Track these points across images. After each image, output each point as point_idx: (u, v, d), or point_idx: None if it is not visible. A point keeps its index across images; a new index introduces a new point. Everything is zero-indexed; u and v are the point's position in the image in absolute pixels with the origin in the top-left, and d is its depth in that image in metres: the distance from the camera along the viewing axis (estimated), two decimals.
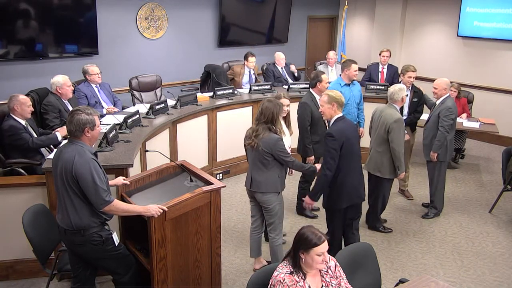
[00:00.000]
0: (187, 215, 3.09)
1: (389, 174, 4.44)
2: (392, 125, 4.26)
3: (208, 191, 3.16)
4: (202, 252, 3.26)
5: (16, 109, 4.23)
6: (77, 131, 2.80)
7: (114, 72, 6.54)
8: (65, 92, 4.78)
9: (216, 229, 3.30)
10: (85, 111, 2.83)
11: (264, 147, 3.56)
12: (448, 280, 3.95)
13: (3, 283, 3.80)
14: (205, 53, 7.75)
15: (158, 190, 3.35)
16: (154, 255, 2.96)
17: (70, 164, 2.72)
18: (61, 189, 2.82)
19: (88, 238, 2.85)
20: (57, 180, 2.83)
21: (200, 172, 3.45)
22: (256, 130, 3.61)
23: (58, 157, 2.83)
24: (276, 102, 3.65)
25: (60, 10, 6.17)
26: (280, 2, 8.49)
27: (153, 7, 7.08)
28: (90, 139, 2.86)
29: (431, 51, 8.29)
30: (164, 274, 3.05)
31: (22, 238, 3.16)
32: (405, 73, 5.29)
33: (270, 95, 6.23)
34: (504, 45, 7.36)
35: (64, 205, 2.82)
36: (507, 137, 7.33)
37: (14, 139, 4.20)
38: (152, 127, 4.75)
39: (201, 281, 3.31)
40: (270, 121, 3.58)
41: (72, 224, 2.82)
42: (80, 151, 2.77)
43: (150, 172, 3.49)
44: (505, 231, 4.79)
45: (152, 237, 2.92)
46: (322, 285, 2.48)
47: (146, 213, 2.86)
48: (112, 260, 3.01)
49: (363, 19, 9.31)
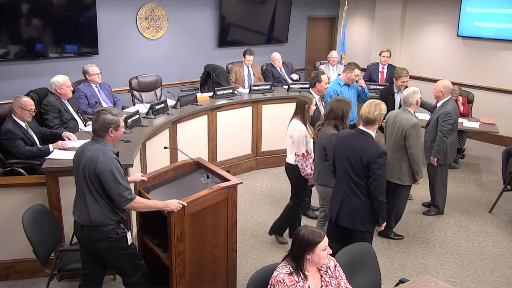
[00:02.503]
0: (204, 210, 3.15)
1: (408, 180, 4.33)
2: (409, 130, 4.14)
3: (226, 188, 3.22)
4: (218, 247, 3.31)
5: (16, 111, 4.20)
6: (102, 131, 2.87)
7: (114, 72, 6.54)
8: (64, 92, 4.76)
9: (233, 224, 3.35)
10: (111, 112, 2.89)
11: (320, 141, 3.75)
12: (448, 280, 3.95)
13: (3, 283, 3.80)
14: (205, 53, 7.75)
15: (175, 187, 3.42)
16: (173, 249, 3.02)
17: (94, 162, 2.78)
18: (81, 186, 2.87)
19: (105, 235, 2.90)
20: (78, 176, 2.89)
21: (215, 169, 3.51)
22: (322, 124, 3.79)
23: (81, 154, 2.89)
24: (346, 101, 3.76)
25: (60, 10, 6.17)
26: (280, 2, 8.49)
27: (153, 7, 7.08)
28: (113, 139, 2.93)
29: (431, 51, 8.28)
30: (182, 268, 3.11)
31: (22, 238, 3.16)
32: (399, 78, 5.28)
33: (270, 95, 6.24)
34: (504, 45, 7.36)
35: (84, 201, 2.87)
36: (507, 137, 7.33)
37: (7, 144, 4.15)
38: (152, 127, 4.75)
39: (217, 276, 3.36)
40: (339, 118, 3.71)
41: (91, 220, 2.87)
42: (104, 150, 2.83)
43: (166, 169, 3.55)
44: (505, 231, 4.79)
45: (172, 231, 2.98)
46: (322, 285, 2.48)
47: (166, 208, 2.92)
48: (124, 259, 3.05)
49: (363, 19, 9.31)
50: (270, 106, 6.22)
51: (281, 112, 6.27)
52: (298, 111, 4.09)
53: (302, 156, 4.07)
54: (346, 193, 3.41)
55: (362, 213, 3.39)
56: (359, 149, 3.29)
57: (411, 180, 4.34)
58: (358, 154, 3.28)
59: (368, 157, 3.22)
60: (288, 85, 6.53)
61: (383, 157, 3.24)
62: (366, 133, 3.36)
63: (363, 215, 3.39)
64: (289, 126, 4.16)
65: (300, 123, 4.06)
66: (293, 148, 4.11)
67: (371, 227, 3.45)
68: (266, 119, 6.25)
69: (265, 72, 7.09)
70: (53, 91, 4.79)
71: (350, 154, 3.35)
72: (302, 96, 4.15)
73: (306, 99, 4.08)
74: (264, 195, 5.61)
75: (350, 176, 3.36)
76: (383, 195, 3.29)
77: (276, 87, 6.57)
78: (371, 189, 3.28)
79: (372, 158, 3.21)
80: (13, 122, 4.21)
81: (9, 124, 4.19)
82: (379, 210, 3.35)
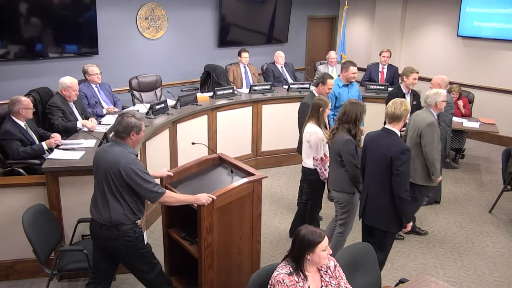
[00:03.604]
0: (232, 204, 3.24)
1: (422, 180, 4.19)
2: (425, 129, 4.06)
3: (251, 182, 3.32)
4: (244, 239, 3.41)
5: (21, 112, 4.20)
6: (124, 133, 2.94)
7: (114, 72, 6.54)
8: (68, 95, 4.70)
9: (257, 217, 3.46)
10: (135, 116, 2.97)
11: (334, 146, 3.69)
12: (448, 280, 3.95)
13: (3, 283, 3.80)
14: (205, 53, 7.75)
15: (201, 181, 3.51)
16: (202, 242, 3.11)
17: (117, 164, 2.85)
18: (103, 187, 2.94)
19: (124, 234, 2.96)
20: (99, 177, 2.96)
21: (238, 164, 3.60)
22: (336, 129, 3.72)
23: (102, 156, 2.97)
24: (360, 104, 3.69)
25: (60, 10, 6.17)
26: (280, 2, 8.49)
27: (153, 7, 7.08)
28: (134, 142, 3.01)
29: (431, 51, 8.28)
30: (210, 259, 3.20)
31: (22, 238, 3.16)
32: (409, 74, 5.09)
33: (270, 95, 6.25)
34: (504, 45, 7.36)
35: (106, 201, 2.94)
36: (507, 137, 7.33)
37: (5, 145, 4.15)
38: (152, 127, 4.75)
39: (242, 267, 3.44)
40: (352, 121, 3.63)
41: (111, 219, 2.93)
42: (125, 152, 2.91)
43: (190, 165, 3.64)
44: (505, 231, 4.79)
45: (201, 224, 3.07)
46: (322, 285, 2.48)
47: (197, 201, 3.00)
48: (140, 258, 3.09)
49: (363, 19, 9.31)
50: (270, 106, 6.22)
51: (281, 112, 6.29)
52: (313, 113, 4.02)
53: (321, 160, 4.03)
54: (371, 192, 3.44)
55: (385, 212, 3.37)
56: (383, 147, 3.30)
57: (425, 180, 4.19)
58: (382, 152, 3.29)
59: (391, 154, 3.23)
60: (288, 85, 6.53)
61: (406, 153, 3.23)
62: (391, 131, 3.37)
63: (386, 215, 3.37)
64: (305, 130, 4.09)
65: (316, 126, 3.99)
66: (310, 153, 4.06)
67: (393, 228, 3.42)
68: (266, 119, 6.25)
69: (266, 71, 7.09)
70: (58, 91, 4.78)
71: (375, 153, 3.36)
72: (318, 99, 4.06)
73: (321, 102, 4.00)
74: (264, 195, 5.53)
75: (375, 175, 3.38)
76: (406, 193, 3.25)
77: (276, 87, 6.58)
78: (394, 185, 3.25)
79: (395, 154, 3.21)
80: (12, 123, 4.20)
81: (7, 125, 4.18)
82: (402, 209, 3.29)
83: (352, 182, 3.69)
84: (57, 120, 4.61)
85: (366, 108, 3.73)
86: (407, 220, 3.38)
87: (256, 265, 3.51)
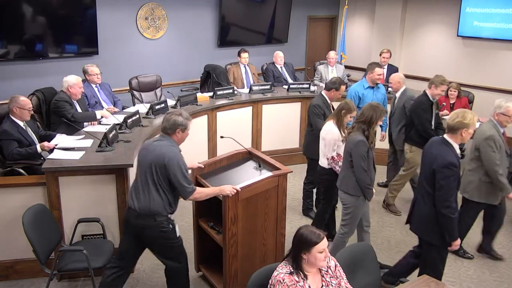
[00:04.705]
0: (257, 196, 3.38)
1: (477, 196, 3.95)
2: (482, 142, 3.85)
3: (277, 176, 3.45)
4: (268, 231, 3.53)
5: (15, 111, 4.18)
6: (170, 130, 3.14)
7: (114, 72, 6.54)
8: (75, 92, 4.76)
9: (282, 210, 3.58)
10: (181, 114, 3.18)
11: (347, 145, 3.69)
12: (448, 280, 3.95)
13: (3, 283, 3.79)
14: (205, 53, 7.75)
15: (230, 174, 3.68)
16: (227, 231, 3.27)
17: (163, 157, 3.04)
18: (145, 177, 3.11)
19: (159, 224, 3.12)
20: (143, 168, 3.13)
21: (267, 158, 3.76)
22: (352, 128, 3.72)
23: (149, 149, 3.15)
24: (379, 108, 3.61)
25: (60, 10, 6.17)
26: (280, 2, 8.49)
27: (153, 7, 7.08)
28: (179, 139, 3.20)
29: (431, 51, 8.28)
30: (234, 249, 3.35)
31: (22, 238, 3.16)
32: (439, 85, 4.74)
33: (270, 95, 6.25)
34: (504, 45, 7.36)
35: (148, 192, 3.10)
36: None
37: (1, 145, 4.13)
38: (152, 127, 4.75)
39: (266, 259, 3.54)
40: (366, 123, 3.58)
41: (150, 209, 3.09)
42: (171, 147, 3.11)
43: (221, 158, 3.83)
44: (505, 231, 4.78)
45: (226, 215, 3.23)
46: (322, 284, 2.48)
47: (222, 192, 3.17)
48: (170, 249, 3.24)
49: (363, 19, 9.31)
50: (270, 106, 6.23)
51: (281, 112, 6.30)
52: (336, 113, 4.04)
53: (332, 159, 4.04)
54: (418, 199, 3.36)
55: (428, 222, 3.25)
56: (431, 157, 3.21)
57: (481, 197, 3.95)
58: (430, 161, 3.21)
59: (434, 165, 3.14)
60: (288, 85, 6.53)
61: (450, 168, 3.08)
62: (447, 141, 3.22)
63: (429, 225, 3.25)
64: (323, 127, 4.12)
65: (334, 126, 4.01)
66: (326, 151, 4.09)
67: (435, 241, 3.27)
68: (266, 119, 6.25)
69: (266, 72, 7.09)
70: (64, 90, 4.78)
71: (425, 160, 3.30)
72: (345, 103, 4.05)
73: (346, 106, 3.99)
74: None
75: (423, 182, 3.29)
76: (448, 209, 3.09)
77: (276, 87, 6.58)
78: (436, 199, 3.15)
79: (438, 167, 3.11)
80: (10, 123, 4.18)
81: (5, 125, 4.16)
82: (444, 224, 3.15)
83: (359, 185, 3.63)
84: (72, 110, 4.66)
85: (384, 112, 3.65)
86: (451, 238, 3.19)
87: (280, 257, 3.56)
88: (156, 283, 3.87)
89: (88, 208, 3.74)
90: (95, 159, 3.76)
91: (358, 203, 3.72)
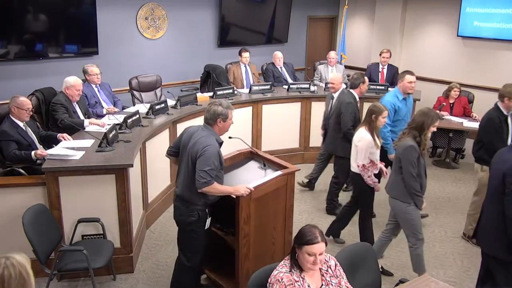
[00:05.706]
0: (268, 195, 3.42)
1: None
2: None
3: (285, 174, 3.49)
4: (277, 229, 3.58)
5: (14, 111, 4.16)
6: (211, 120, 3.19)
7: (114, 72, 6.54)
8: (71, 94, 4.70)
9: (290, 208, 3.64)
10: (221, 104, 3.21)
11: (398, 150, 3.63)
12: (448, 280, 3.95)
13: None
14: (205, 53, 7.75)
15: (236, 174, 3.68)
16: (240, 232, 3.27)
17: (198, 146, 3.09)
18: (186, 164, 3.18)
19: (188, 211, 3.19)
20: (185, 154, 3.20)
21: (270, 157, 3.79)
22: (403, 133, 3.64)
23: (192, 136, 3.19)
24: (430, 115, 3.52)
25: (60, 10, 6.17)
26: (280, 2, 8.50)
27: (153, 7, 7.08)
28: (220, 129, 3.24)
29: (431, 51, 8.28)
30: (247, 249, 3.35)
31: (22, 238, 3.16)
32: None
33: (270, 95, 6.25)
34: (504, 45, 7.36)
35: (186, 178, 3.17)
36: None
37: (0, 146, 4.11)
38: (152, 127, 4.75)
39: (274, 257, 3.53)
40: (418, 129, 3.52)
41: (184, 195, 3.19)
42: (211, 137, 3.15)
43: (224, 158, 3.73)
44: None
45: (240, 215, 3.23)
46: (322, 284, 2.48)
47: (236, 192, 3.17)
48: (190, 241, 3.28)
49: (363, 19, 9.31)
50: (270, 106, 6.23)
51: (281, 112, 6.29)
52: (367, 119, 3.98)
53: (363, 167, 3.98)
54: (484, 210, 3.23)
55: (493, 235, 3.02)
56: (501, 162, 3.00)
57: None
58: (499, 166, 2.99)
59: (504, 169, 2.91)
60: (288, 85, 6.53)
61: None
62: None
63: (494, 238, 3.01)
64: (355, 134, 4.09)
65: (366, 132, 3.95)
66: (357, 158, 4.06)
67: (502, 254, 2.98)
68: (266, 119, 6.25)
69: (266, 72, 7.09)
70: (62, 90, 4.77)
71: (495, 166, 3.09)
72: (373, 105, 3.97)
73: (375, 109, 3.93)
74: None
75: (489, 191, 3.11)
76: None
77: (276, 87, 6.58)
78: (505, 205, 2.89)
79: (507, 171, 2.88)
80: (10, 123, 4.15)
81: (5, 125, 4.13)
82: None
83: (407, 192, 3.54)
84: (63, 115, 4.61)
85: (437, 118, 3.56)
86: None
87: None
88: (156, 283, 3.87)
89: (88, 208, 3.74)
90: (95, 159, 3.76)
91: (409, 210, 3.59)
